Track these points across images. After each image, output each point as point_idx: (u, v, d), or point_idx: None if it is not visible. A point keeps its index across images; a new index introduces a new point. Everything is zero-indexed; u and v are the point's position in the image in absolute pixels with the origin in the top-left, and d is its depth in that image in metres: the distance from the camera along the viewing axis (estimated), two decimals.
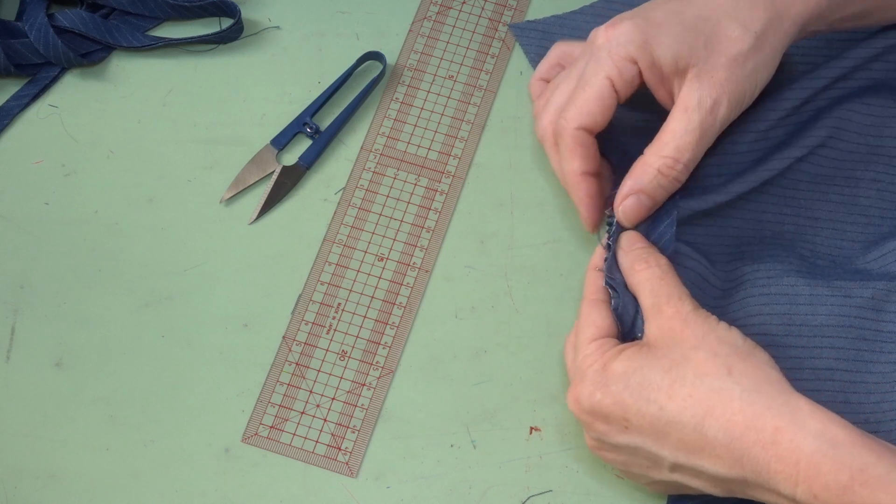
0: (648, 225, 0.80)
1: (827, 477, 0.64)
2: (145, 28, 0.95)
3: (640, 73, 0.77)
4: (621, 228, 0.79)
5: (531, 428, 0.82)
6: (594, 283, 0.78)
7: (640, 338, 0.75)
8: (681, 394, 0.69)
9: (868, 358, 0.79)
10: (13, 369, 0.84)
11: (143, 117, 0.92)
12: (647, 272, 0.75)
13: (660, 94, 0.79)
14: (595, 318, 0.76)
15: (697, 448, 0.68)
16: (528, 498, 0.81)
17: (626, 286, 0.77)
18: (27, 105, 0.92)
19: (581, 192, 0.80)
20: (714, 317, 0.72)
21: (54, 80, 0.93)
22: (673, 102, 0.78)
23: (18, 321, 0.85)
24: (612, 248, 0.79)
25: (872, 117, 0.87)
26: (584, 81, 0.78)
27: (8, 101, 0.92)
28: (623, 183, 0.78)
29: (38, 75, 0.93)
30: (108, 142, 0.91)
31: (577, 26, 0.94)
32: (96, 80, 0.93)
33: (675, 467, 0.71)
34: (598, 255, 0.80)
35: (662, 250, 0.78)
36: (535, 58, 0.93)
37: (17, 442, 0.82)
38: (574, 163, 0.79)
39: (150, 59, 0.94)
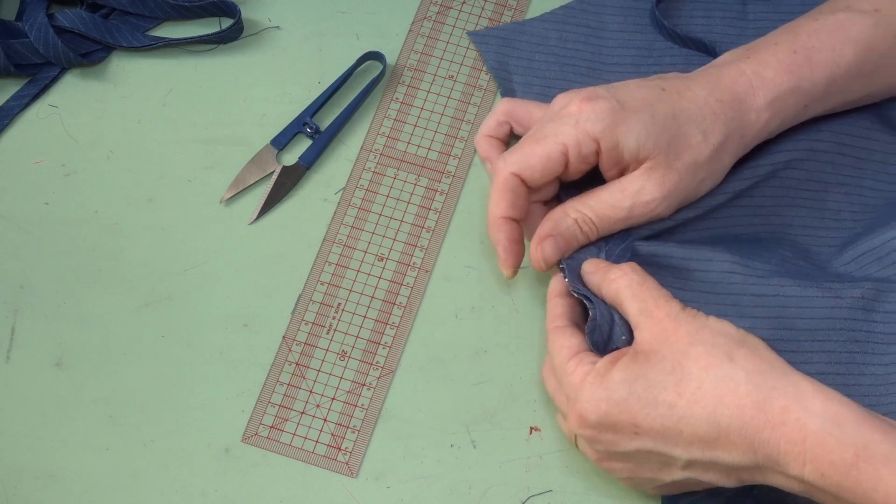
0: (603, 252, 0.81)
1: (833, 455, 0.65)
2: (145, 28, 0.94)
3: (598, 153, 0.78)
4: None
5: (531, 428, 0.82)
6: (553, 311, 0.79)
7: (620, 346, 0.74)
8: (689, 389, 0.69)
9: (860, 360, 0.78)
10: (13, 369, 0.83)
11: (143, 117, 0.91)
12: (624, 279, 0.75)
13: (609, 175, 0.80)
14: (563, 342, 0.75)
15: (712, 439, 0.68)
16: (528, 498, 0.80)
17: (596, 297, 0.77)
18: (27, 105, 0.91)
19: (501, 234, 0.80)
20: (701, 312, 0.73)
21: (54, 80, 0.92)
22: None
23: (18, 321, 0.85)
24: (566, 267, 0.79)
25: (840, 122, 0.87)
26: (541, 136, 0.78)
27: (8, 101, 0.91)
28: (542, 224, 0.80)
29: (38, 75, 0.92)
30: (108, 142, 0.91)
31: (536, 33, 0.94)
32: (96, 80, 0.93)
33: (689, 464, 0.70)
34: (556, 283, 0.80)
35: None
36: (493, 65, 0.93)
37: (17, 442, 0.81)
38: (500, 205, 0.79)
39: (150, 59, 0.94)
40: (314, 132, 0.90)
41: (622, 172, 0.79)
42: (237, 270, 0.87)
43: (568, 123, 0.77)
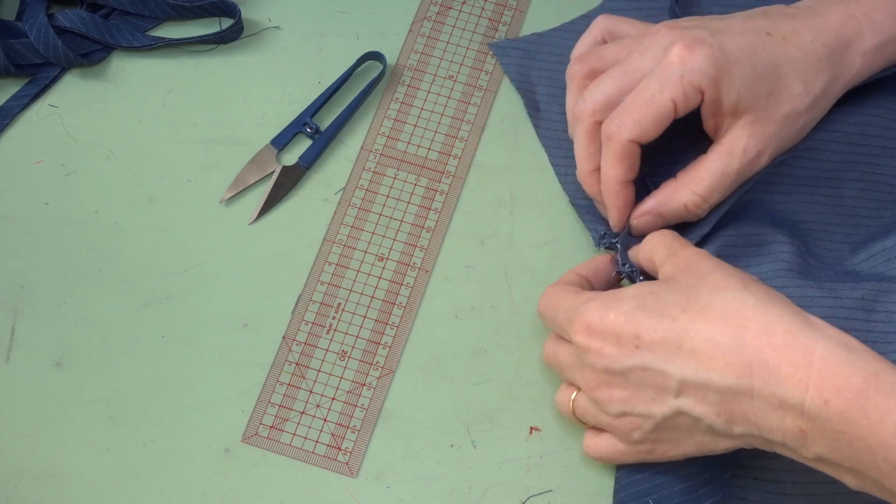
0: None
1: (839, 380, 0.62)
2: (145, 28, 0.94)
3: (702, 102, 0.77)
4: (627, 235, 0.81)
5: (531, 428, 0.82)
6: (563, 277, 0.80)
7: None
8: (695, 305, 0.68)
9: None
10: (13, 369, 0.83)
11: (143, 117, 0.91)
12: (658, 236, 0.76)
13: (707, 125, 0.79)
14: (565, 286, 0.77)
15: (707, 356, 0.66)
16: (528, 498, 0.80)
17: (641, 270, 0.78)
18: (27, 105, 0.91)
19: (620, 199, 0.80)
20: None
21: (54, 80, 0.92)
22: (716, 133, 0.79)
23: (18, 321, 0.84)
24: (621, 244, 0.81)
25: (856, 115, 0.86)
26: (649, 96, 0.76)
27: (8, 101, 0.91)
28: (647, 199, 0.80)
29: (38, 75, 0.92)
30: (108, 142, 0.90)
31: (557, 43, 0.93)
32: (96, 80, 0.92)
33: (682, 387, 0.68)
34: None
35: None
36: (515, 77, 0.92)
37: (17, 442, 0.81)
38: (619, 170, 0.79)
39: (150, 59, 0.93)
40: (314, 132, 0.90)
41: (718, 122, 0.78)
42: (237, 270, 0.86)
43: (673, 77, 0.75)
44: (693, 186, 0.78)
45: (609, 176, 0.79)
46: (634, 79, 0.78)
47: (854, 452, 0.62)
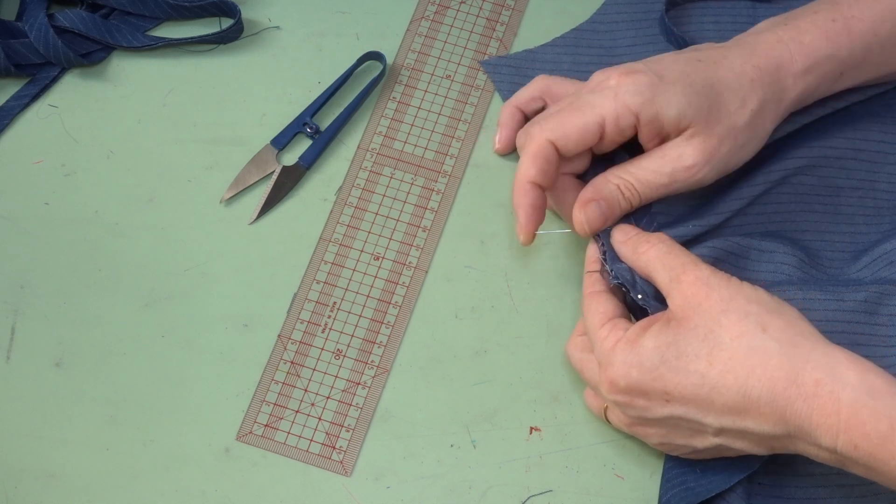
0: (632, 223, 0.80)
1: (867, 426, 0.64)
2: (145, 28, 0.93)
3: (636, 126, 0.76)
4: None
5: (531, 428, 0.81)
6: (589, 279, 0.78)
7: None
8: (720, 358, 0.68)
9: None
10: (13, 369, 0.82)
11: (143, 117, 0.90)
12: (652, 251, 0.74)
13: (649, 147, 0.79)
14: (597, 306, 0.75)
15: (742, 410, 0.67)
16: (528, 498, 0.79)
17: (634, 272, 0.76)
18: (27, 105, 0.90)
19: (526, 199, 0.78)
20: (735, 277, 0.72)
21: (54, 80, 0.91)
22: None
23: (18, 321, 0.84)
24: (603, 242, 0.78)
25: (852, 125, 0.86)
26: (579, 106, 0.77)
27: (8, 101, 0.90)
28: (584, 190, 0.78)
29: (38, 75, 0.91)
30: (108, 142, 0.89)
31: (548, 59, 0.93)
32: (96, 80, 0.92)
33: (721, 431, 0.69)
34: (592, 250, 0.79)
35: None
36: (507, 94, 0.91)
37: (17, 442, 0.80)
38: (532, 170, 0.77)
39: (150, 59, 0.93)
40: (314, 132, 0.89)
41: (662, 143, 0.78)
42: (237, 270, 0.86)
43: (607, 96, 0.76)
44: (622, 174, 0.78)
45: (521, 174, 0.78)
46: (567, 103, 0.78)
47: (887, 480, 0.66)
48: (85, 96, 0.91)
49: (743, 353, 0.67)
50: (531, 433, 0.81)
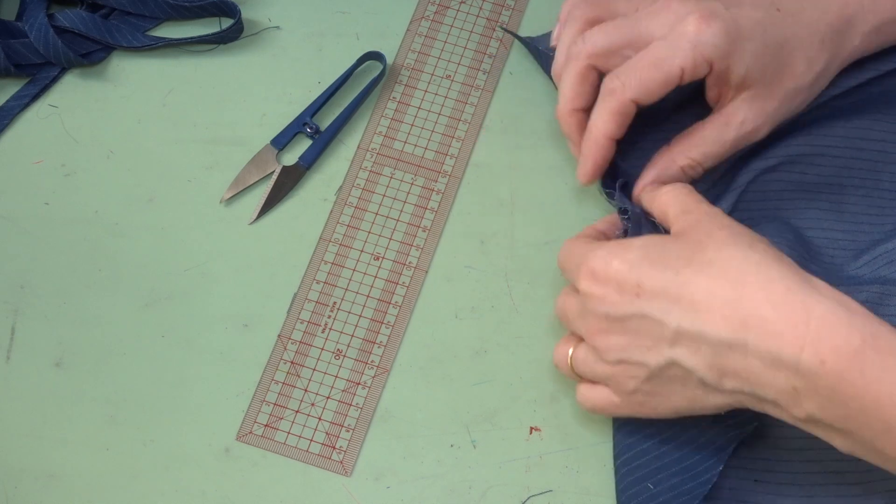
0: None
1: (837, 339, 0.61)
2: (145, 28, 0.93)
3: (709, 73, 0.75)
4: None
5: (531, 428, 0.81)
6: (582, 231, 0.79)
7: None
8: (699, 260, 0.67)
9: None
10: (13, 369, 0.82)
11: (143, 117, 0.90)
12: (673, 191, 0.75)
13: (711, 94, 0.78)
14: (583, 239, 0.76)
15: (704, 308, 0.65)
16: (528, 498, 0.79)
17: (643, 216, 0.76)
18: (27, 105, 0.90)
19: (600, 154, 0.77)
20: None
21: (54, 80, 0.91)
22: (718, 102, 0.78)
23: (18, 321, 0.83)
24: (618, 196, 0.79)
25: (856, 122, 0.85)
26: (659, 59, 0.74)
27: (8, 101, 0.90)
28: (647, 171, 0.78)
29: (38, 75, 0.91)
30: (108, 142, 0.89)
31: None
32: (96, 80, 0.91)
33: (677, 337, 0.67)
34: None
35: None
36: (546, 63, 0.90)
37: (17, 442, 0.80)
38: (611, 126, 0.76)
39: (150, 59, 0.92)
40: (314, 132, 0.89)
41: (721, 92, 0.77)
42: (237, 270, 0.85)
43: (686, 47, 0.73)
44: (688, 152, 0.78)
45: (599, 129, 0.77)
46: (640, 38, 0.76)
47: (847, 412, 0.61)
48: (85, 96, 0.90)
49: (723, 258, 0.66)
50: (531, 433, 0.80)
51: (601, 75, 0.77)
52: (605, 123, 0.76)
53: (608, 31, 0.77)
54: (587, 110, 0.78)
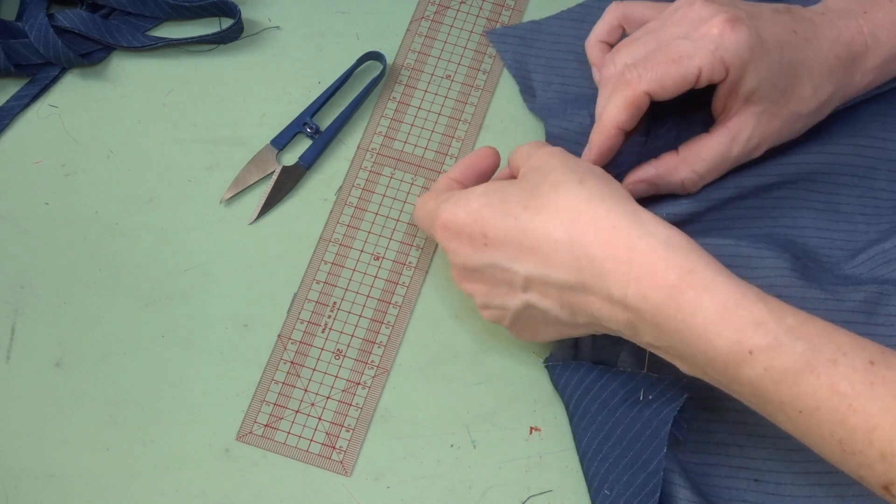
0: None
1: (656, 276, 0.64)
2: (145, 28, 0.93)
3: (722, 81, 0.76)
4: None
5: (531, 428, 0.81)
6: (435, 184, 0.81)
7: None
8: (535, 202, 0.69)
9: None
10: (13, 369, 0.82)
11: (143, 117, 0.90)
12: (526, 145, 0.76)
13: (717, 104, 0.78)
14: (439, 187, 0.78)
15: (544, 254, 0.68)
16: (528, 498, 0.79)
17: None
18: (27, 105, 0.90)
19: (607, 144, 0.77)
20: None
21: (54, 80, 0.91)
22: (722, 114, 0.78)
23: (18, 321, 0.83)
24: None
25: (852, 123, 0.85)
26: (677, 56, 0.74)
27: (8, 101, 0.90)
28: (645, 167, 0.79)
29: (38, 75, 0.91)
30: (108, 142, 0.89)
31: (553, 31, 0.92)
32: (96, 80, 0.91)
33: (527, 282, 0.70)
34: None
35: None
36: (512, 64, 0.91)
37: (17, 442, 0.80)
38: (622, 116, 0.76)
39: (150, 59, 0.92)
40: (314, 132, 0.89)
41: (729, 104, 0.77)
42: (237, 270, 0.85)
43: (707, 48, 0.73)
44: (694, 165, 0.79)
45: (609, 118, 0.77)
46: (667, 43, 0.76)
47: (674, 343, 0.65)
48: (85, 96, 0.90)
49: (556, 199, 0.68)
50: (531, 433, 0.80)
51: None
52: (616, 113, 0.76)
53: (633, 45, 0.78)
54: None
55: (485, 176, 0.80)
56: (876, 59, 0.78)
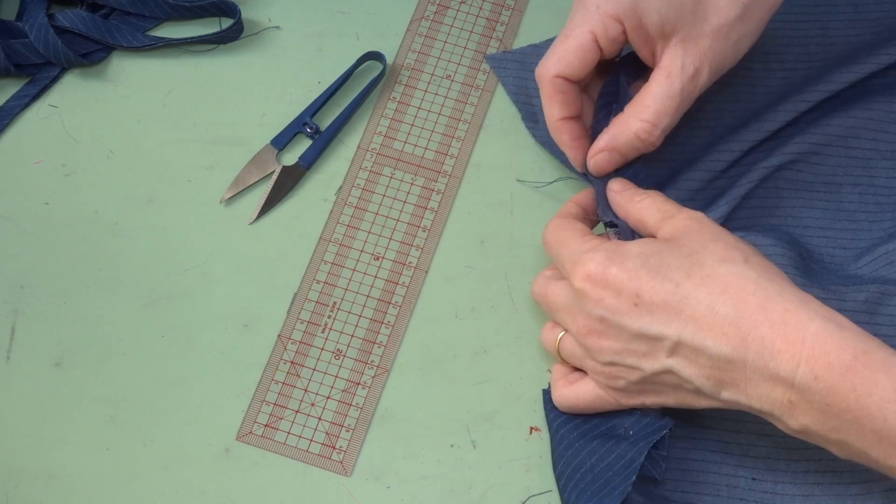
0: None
1: (831, 356, 0.63)
2: (145, 28, 0.93)
3: (625, 32, 0.75)
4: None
5: (531, 428, 0.80)
6: (564, 208, 0.79)
7: None
8: (699, 274, 0.68)
9: None
10: (13, 369, 0.82)
11: (143, 117, 0.90)
12: (649, 198, 0.75)
13: (643, 54, 0.78)
14: (577, 225, 0.75)
15: (706, 324, 0.66)
16: (528, 498, 0.78)
17: (629, 231, 0.76)
18: (27, 105, 0.90)
19: (564, 135, 0.79)
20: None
21: (54, 80, 0.91)
22: (655, 63, 0.77)
23: (18, 321, 0.83)
24: (598, 187, 0.79)
25: (848, 119, 0.85)
26: (569, 31, 0.76)
27: (8, 101, 0.90)
28: (600, 137, 0.78)
29: (38, 75, 0.91)
30: (108, 142, 0.89)
31: None
32: (96, 80, 0.91)
33: (677, 347, 0.68)
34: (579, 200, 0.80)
35: None
36: (512, 89, 0.91)
37: (17, 442, 0.80)
38: (553, 108, 0.78)
39: (150, 59, 0.92)
40: (314, 132, 0.89)
41: (651, 48, 0.77)
42: (237, 270, 0.85)
43: (590, 10, 0.75)
44: (640, 114, 0.77)
45: (548, 117, 0.78)
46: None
47: (841, 424, 0.64)
48: (85, 96, 0.90)
49: (721, 273, 0.67)
50: (531, 433, 0.80)
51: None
52: (548, 108, 0.78)
53: (552, 47, 0.78)
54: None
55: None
56: None
